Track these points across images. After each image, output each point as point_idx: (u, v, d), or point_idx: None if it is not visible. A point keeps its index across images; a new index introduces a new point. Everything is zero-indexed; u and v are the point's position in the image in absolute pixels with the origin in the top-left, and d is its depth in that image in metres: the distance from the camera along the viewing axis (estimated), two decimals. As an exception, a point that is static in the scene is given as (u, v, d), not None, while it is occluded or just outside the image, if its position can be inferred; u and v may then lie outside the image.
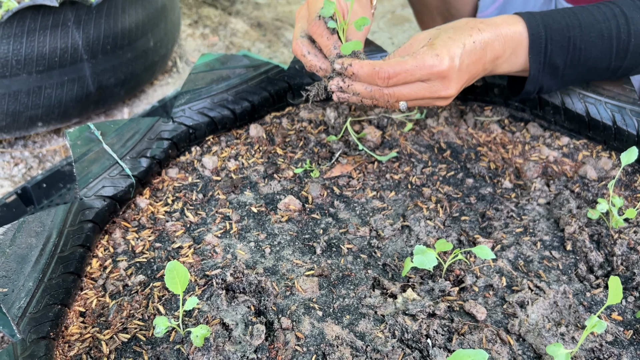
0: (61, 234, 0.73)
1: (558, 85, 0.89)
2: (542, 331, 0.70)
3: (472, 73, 0.81)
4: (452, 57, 0.77)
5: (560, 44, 0.83)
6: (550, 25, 0.83)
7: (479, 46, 0.80)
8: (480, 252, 0.71)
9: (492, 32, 0.81)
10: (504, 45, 0.82)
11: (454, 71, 0.78)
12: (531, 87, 0.88)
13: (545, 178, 0.94)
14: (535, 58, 0.84)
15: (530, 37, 0.83)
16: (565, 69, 0.85)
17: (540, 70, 0.85)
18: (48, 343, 0.64)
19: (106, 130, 0.87)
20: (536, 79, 0.86)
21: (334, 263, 0.80)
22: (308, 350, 0.68)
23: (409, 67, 0.76)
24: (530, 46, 0.83)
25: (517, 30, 0.83)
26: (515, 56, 0.84)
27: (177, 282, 0.63)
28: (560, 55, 0.84)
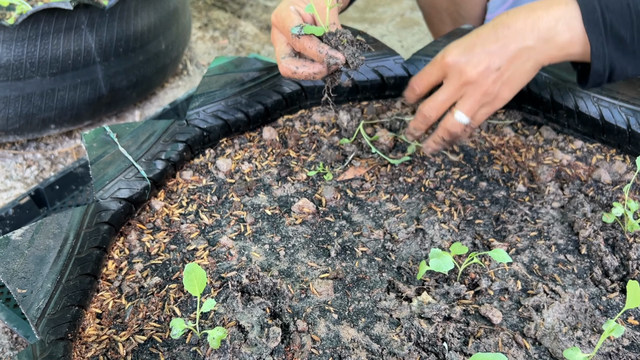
0: (78, 236, 0.73)
1: (633, 65, 0.77)
2: (558, 335, 0.69)
3: (497, 53, 0.76)
4: (458, 46, 0.79)
5: (619, 12, 0.73)
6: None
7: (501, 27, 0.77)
8: (496, 255, 0.71)
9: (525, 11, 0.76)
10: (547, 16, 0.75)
11: (459, 57, 0.78)
12: (599, 64, 0.76)
13: (559, 182, 0.94)
14: (594, 30, 0.74)
15: (581, 7, 0.74)
16: (634, 42, 0.74)
17: (604, 44, 0.74)
18: (66, 344, 0.65)
19: (121, 132, 0.88)
20: (602, 53, 0.75)
21: (348, 266, 0.80)
22: (324, 352, 0.68)
23: (426, 68, 0.84)
24: (584, 15, 0.74)
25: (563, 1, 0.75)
26: (568, 27, 0.75)
27: (195, 284, 0.63)
28: (623, 24, 0.73)
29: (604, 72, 0.77)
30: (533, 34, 0.75)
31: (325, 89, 0.86)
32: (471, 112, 0.81)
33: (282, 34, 0.82)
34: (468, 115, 0.81)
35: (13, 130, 1.32)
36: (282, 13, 0.80)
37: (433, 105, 0.83)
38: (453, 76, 0.80)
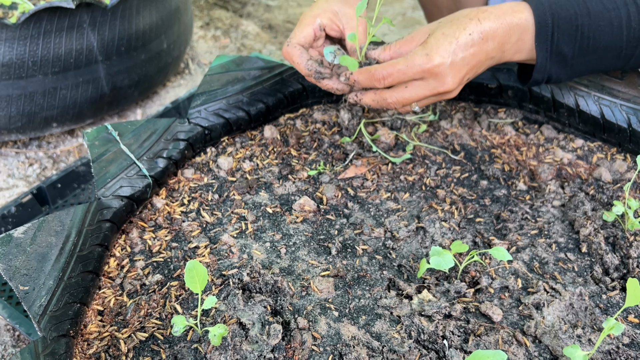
0: (80, 233, 0.74)
1: (568, 74, 0.87)
2: (558, 333, 0.70)
3: (472, 64, 0.82)
4: (442, 54, 0.79)
5: (567, 32, 0.82)
6: (558, 12, 0.82)
7: (477, 37, 0.80)
8: (496, 253, 0.71)
9: (494, 21, 0.81)
10: (509, 32, 0.82)
11: (444, 67, 0.80)
12: (539, 75, 0.86)
13: (560, 180, 0.94)
14: (542, 46, 0.83)
15: (536, 25, 0.82)
16: (573, 57, 0.84)
17: (547, 59, 0.84)
18: (68, 341, 0.65)
19: (123, 130, 0.88)
20: (543, 67, 0.85)
21: (349, 264, 0.80)
22: (325, 350, 0.68)
23: (401, 67, 0.81)
24: (536, 34, 0.82)
25: (523, 17, 0.82)
26: (522, 42, 0.83)
27: (196, 281, 0.63)
28: (567, 43, 0.83)
29: (542, 81, 0.88)
30: (496, 45, 0.82)
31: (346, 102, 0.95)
32: (423, 105, 0.87)
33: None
34: (422, 107, 0.88)
35: (15, 128, 1.32)
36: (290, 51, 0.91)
37: (402, 101, 0.84)
38: (432, 82, 0.82)
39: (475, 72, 0.85)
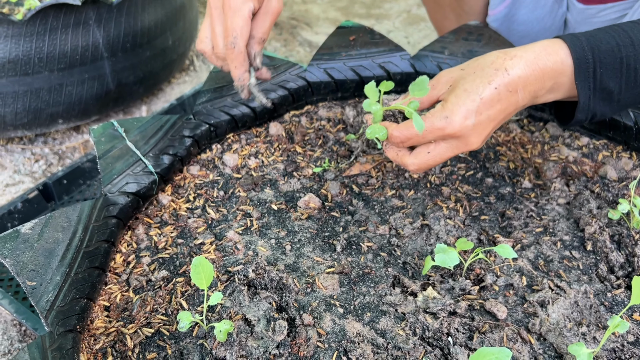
0: (86, 229, 0.74)
1: (613, 109, 0.79)
2: (563, 330, 0.70)
3: (499, 119, 0.75)
4: (464, 115, 0.72)
5: (611, 67, 0.75)
6: (598, 46, 0.75)
7: (504, 90, 0.72)
8: (502, 251, 0.71)
9: (524, 69, 0.73)
10: (542, 78, 0.74)
11: (467, 130, 0.72)
12: (583, 115, 0.78)
13: (565, 178, 0.94)
14: (584, 84, 0.75)
15: (575, 62, 0.74)
16: (620, 92, 0.76)
17: (590, 97, 0.76)
18: (75, 336, 0.66)
19: (129, 127, 0.89)
20: (587, 106, 0.77)
21: (354, 261, 0.80)
22: (330, 346, 0.69)
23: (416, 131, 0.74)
24: (576, 72, 0.74)
25: (559, 59, 0.74)
26: (557, 86, 0.76)
27: (202, 277, 0.64)
28: (613, 78, 0.75)
29: (585, 119, 0.79)
30: (528, 95, 0.75)
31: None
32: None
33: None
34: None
35: (22, 125, 1.33)
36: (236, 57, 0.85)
37: (424, 167, 0.77)
38: (455, 144, 0.75)
39: (502, 123, 0.77)
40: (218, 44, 0.86)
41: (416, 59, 1.07)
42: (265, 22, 0.86)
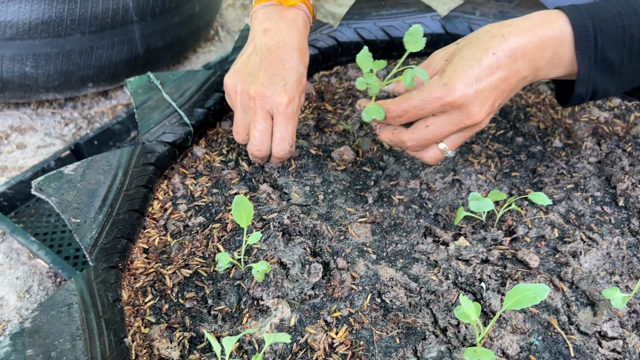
0: (126, 174, 0.76)
1: (617, 86, 0.74)
2: (596, 278, 0.70)
3: (502, 88, 0.70)
4: (464, 82, 0.68)
5: (612, 36, 0.70)
6: (598, 15, 0.70)
7: (503, 57, 0.69)
8: (536, 198, 0.72)
9: (521, 36, 0.69)
10: (541, 46, 0.70)
11: (468, 98, 0.68)
12: (583, 89, 0.74)
13: (596, 138, 0.94)
14: (584, 54, 0.70)
15: (575, 30, 0.70)
16: (623, 65, 0.71)
17: (591, 68, 0.71)
18: (117, 272, 0.68)
19: (165, 80, 0.90)
20: (587, 78, 0.72)
21: (385, 212, 0.81)
22: (364, 289, 0.70)
23: (417, 102, 0.69)
24: (576, 41, 0.70)
25: (557, 27, 0.70)
26: (558, 56, 0.71)
27: (242, 215, 0.65)
28: (614, 49, 0.70)
29: (586, 95, 0.75)
30: (528, 64, 0.70)
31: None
32: (457, 146, 0.74)
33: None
34: (453, 149, 0.74)
35: (53, 87, 1.35)
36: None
37: (423, 142, 0.72)
38: (456, 116, 0.69)
39: (506, 97, 0.73)
40: (264, 144, 0.81)
41: (447, 20, 1.07)
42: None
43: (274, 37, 0.82)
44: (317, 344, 0.63)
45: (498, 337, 0.64)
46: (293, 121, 0.80)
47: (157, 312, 0.68)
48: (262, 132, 0.80)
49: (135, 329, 0.65)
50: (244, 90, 0.80)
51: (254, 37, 0.84)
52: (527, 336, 0.65)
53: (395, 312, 0.67)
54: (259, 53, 0.82)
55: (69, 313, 0.58)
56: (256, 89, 0.78)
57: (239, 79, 0.81)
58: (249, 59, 0.83)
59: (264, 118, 0.79)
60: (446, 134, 0.71)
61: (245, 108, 0.81)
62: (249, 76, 0.80)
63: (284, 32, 0.83)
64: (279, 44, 0.81)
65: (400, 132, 0.73)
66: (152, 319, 0.67)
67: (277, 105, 0.78)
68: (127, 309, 0.67)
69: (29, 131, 1.43)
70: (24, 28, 1.23)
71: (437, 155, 0.74)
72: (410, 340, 0.64)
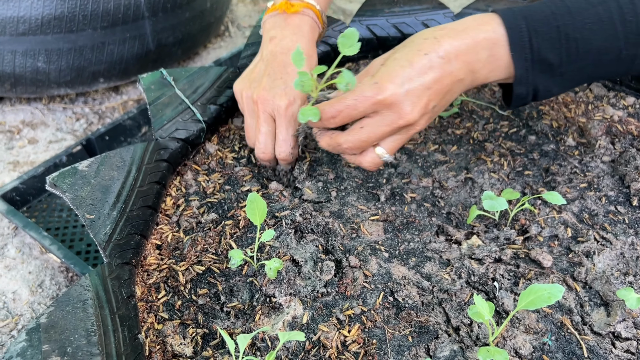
0: (140, 170, 0.76)
1: (560, 86, 0.73)
2: (610, 279, 0.70)
3: (435, 89, 0.69)
4: (394, 81, 0.67)
5: (548, 36, 0.69)
6: (532, 16, 0.70)
7: (435, 58, 0.68)
8: (550, 197, 0.72)
9: (454, 38, 0.69)
10: (475, 48, 0.69)
11: (398, 96, 0.67)
12: (522, 89, 0.72)
13: (610, 137, 0.93)
14: (519, 55, 0.70)
15: (508, 31, 0.69)
16: (562, 65, 0.70)
17: (528, 69, 0.70)
18: (131, 269, 0.68)
19: (178, 76, 0.90)
20: (525, 79, 0.71)
21: (398, 210, 0.81)
22: (376, 287, 0.70)
23: (349, 102, 0.69)
24: (510, 42, 0.69)
25: (490, 29, 0.69)
26: (494, 58, 0.70)
27: (256, 213, 0.65)
28: (551, 49, 0.69)
29: (527, 96, 0.74)
30: (463, 66, 0.70)
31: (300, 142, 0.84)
32: (395, 150, 0.73)
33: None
34: (392, 153, 0.73)
35: (65, 82, 1.35)
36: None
37: (359, 144, 0.71)
38: (388, 116, 0.68)
39: (443, 99, 0.71)
40: (268, 146, 0.82)
41: (460, 17, 1.06)
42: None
43: (279, 43, 0.85)
44: (330, 341, 0.64)
45: (511, 336, 0.64)
46: (294, 123, 0.81)
47: (170, 308, 0.68)
48: (266, 135, 0.82)
49: (148, 325, 0.66)
50: (249, 95, 0.82)
51: (262, 46, 0.88)
52: (540, 336, 0.64)
53: (408, 310, 0.67)
54: (264, 60, 0.85)
55: (84, 309, 0.59)
56: (259, 93, 0.80)
57: (244, 84, 0.84)
58: (255, 67, 0.86)
59: (266, 121, 0.81)
60: (380, 134, 0.70)
61: (251, 112, 0.84)
62: (253, 82, 0.83)
63: (288, 38, 0.85)
64: (282, 49, 0.84)
65: (337, 136, 0.73)
66: (166, 315, 0.67)
67: (277, 108, 0.80)
68: (140, 305, 0.67)
69: (41, 126, 1.44)
70: (36, 23, 1.23)
71: (375, 160, 0.74)
72: (422, 339, 0.64)
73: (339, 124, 0.72)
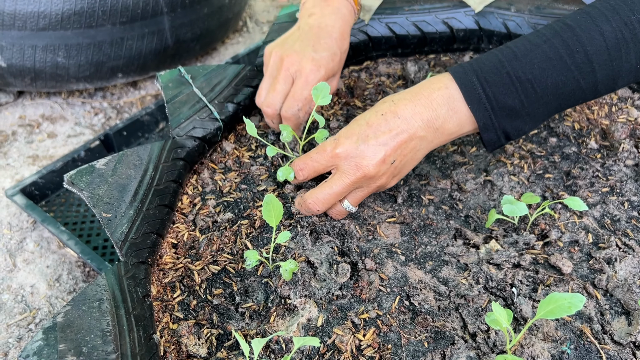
0: (156, 169, 0.76)
1: (530, 123, 0.74)
2: (632, 287, 0.68)
3: (393, 146, 0.70)
4: (350, 137, 0.71)
5: (500, 83, 0.71)
6: (481, 67, 0.72)
7: (391, 117, 0.71)
8: (572, 203, 0.70)
9: (409, 99, 0.72)
10: (431, 105, 0.71)
11: (353, 151, 0.70)
12: (491, 135, 0.74)
13: (634, 140, 0.91)
14: (478, 107, 0.71)
15: (461, 87, 0.71)
16: (524, 106, 0.72)
17: (492, 117, 0.72)
18: (147, 268, 0.68)
19: (195, 74, 0.90)
20: (491, 126, 0.73)
21: (415, 212, 0.80)
22: (392, 291, 0.69)
23: (314, 155, 0.74)
24: (465, 96, 0.71)
25: (443, 85, 0.72)
26: (453, 112, 0.72)
27: (272, 214, 0.65)
28: (507, 94, 0.71)
29: (499, 139, 0.74)
30: (422, 124, 0.71)
31: None
32: (359, 202, 0.76)
33: None
34: (356, 205, 0.76)
35: (84, 77, 1.36)
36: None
37: (322, 199, 0.73)
38: (347, 169, 0.71)
39: (406, 156, 0.73)
40: (275, 102, 0.85)
41: (481, 16, 1.04)
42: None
43: (318, 19, 0.89)
44: (345, 345, 0.63)
45: (529, 344, 0.63)
46: (309, 89, 0.84)
47: (186, 308, 0.68)
48: (278, 93, 0.85)
49: (163, 325, 0.66)
50: (278, 54, 0.86)
51: (299, 21, 0.92)
52: (559, 344, 0.63)
53: (424, 315, 0.66)
54: (301, 29, 0.89)
55: (100, 309, 0.59)
56: (288, 53, 0.85)
57: (277, 46, 0.88)
58: (291, 35, 0.90)
59: (285, 80, 0.85)
60: (343, 187, 0.72)
61: (272, 71, 0.87)
62: (285, 44, 0.88)
63: (328, 16, 0.89)
64: (320, 24, 0.88)
65: (305, 194, 0.75)
66: (180, 314, 0.67)
67: (301, 70, 0.84)
68: (155, 304, 0.67)
69: (60, 120, 1.45)
70: (56, 19, 1.24)
71: (341, 210, 0.76)
72: (438, 344, 0.64)
73: (307, 177, 0.76)
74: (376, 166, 0.70)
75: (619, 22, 0.69)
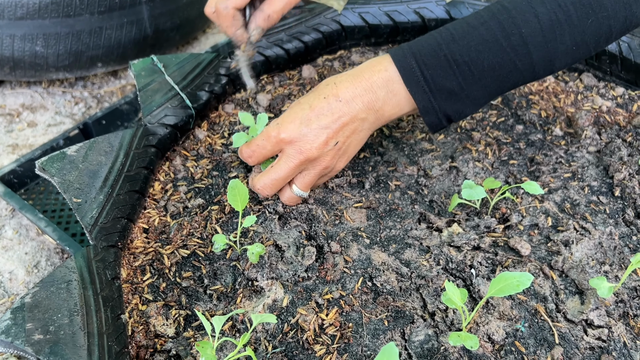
0: (127, 155, 0.78)
1: (471, 106, 0.75)
2: (585, 268, 0.71)
3: (335, 129, 0.73)
4: (293, 121, 0.73)
5: (438, 66, 0.72)
6: (419, 50, 0.73)
7: (334, 101, 0.73)
8: (529, 187, 0.73)
9: (350, 82, 0.74)
10: (371, 88, 0.73)
11: (296, 135, 0.72)
12: (432, 118, 0.75)
13: (597, 127, 0.94)
14: (416, 89, 0.73)
15: (400, 70, 0.73)
16: (463, 89, 0.73)
17: (430, 100, 0.73)
18: (116, 251, 0.70)
19: (168, 63, 0.91)
20: (431, 109, 0.74)
21: (381, 197, 0.83)
22: (355, 272, 0.72)
23: (259, 141, 0.75)
24: (404, 79, 0.73)
25: (382, 68, 0.74)
26: (392, 94, 0.74)
27: (238, 199, 0.67)
28: (445, 76, 0.72)
29: (440, 121, 0.76)
30: (363, 106, 0.73)
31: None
32: (309, 186, 0.77)
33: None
34: (306, 190, 0.77)
35: (63, 67, 1.37)
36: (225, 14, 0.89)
37: (269, 183, 0.75)
38: (291, 153, 0.73)
39: (349, 138, 0.75)
40: (211, 3, 0.88)
41: (452, 6, 1.06)
42: (279, 2, 0.86)
43: None
44: (308, 324, 0.65)
45: (484, 322, 0.65)
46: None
47: (155, 290, 0.70)
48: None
49: (132, 306, 0.68)
50: None
51: None
52: (514, 322, 0.66)
53: (386, 295, 0.69)
54: None
55: (68, 289, 0.61)
56: None
57: None
58: None
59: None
60: (288, 171, 0.74)
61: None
62: None
63: None
64: None
65: (253, 178, 0.78)
66: (150, 296, 0.69)
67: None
68: (125, 286, 0.69)
69: (40, 109, 1.46)
70: (34, 8, 1.24)
71: (291, 196, 0.78)
72: (398, 323, 0.66)
73: (256, 162, 0.78)
74: (318, 149, 0.73)
75: (553, 4, 0.71)
